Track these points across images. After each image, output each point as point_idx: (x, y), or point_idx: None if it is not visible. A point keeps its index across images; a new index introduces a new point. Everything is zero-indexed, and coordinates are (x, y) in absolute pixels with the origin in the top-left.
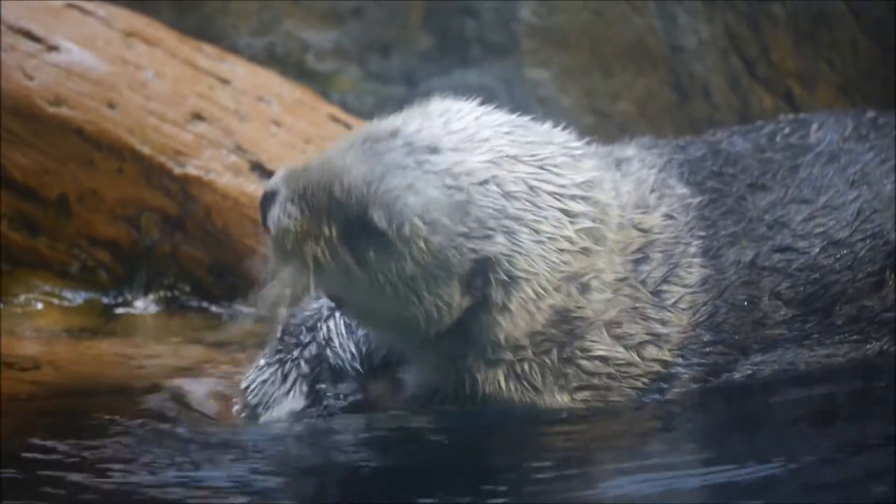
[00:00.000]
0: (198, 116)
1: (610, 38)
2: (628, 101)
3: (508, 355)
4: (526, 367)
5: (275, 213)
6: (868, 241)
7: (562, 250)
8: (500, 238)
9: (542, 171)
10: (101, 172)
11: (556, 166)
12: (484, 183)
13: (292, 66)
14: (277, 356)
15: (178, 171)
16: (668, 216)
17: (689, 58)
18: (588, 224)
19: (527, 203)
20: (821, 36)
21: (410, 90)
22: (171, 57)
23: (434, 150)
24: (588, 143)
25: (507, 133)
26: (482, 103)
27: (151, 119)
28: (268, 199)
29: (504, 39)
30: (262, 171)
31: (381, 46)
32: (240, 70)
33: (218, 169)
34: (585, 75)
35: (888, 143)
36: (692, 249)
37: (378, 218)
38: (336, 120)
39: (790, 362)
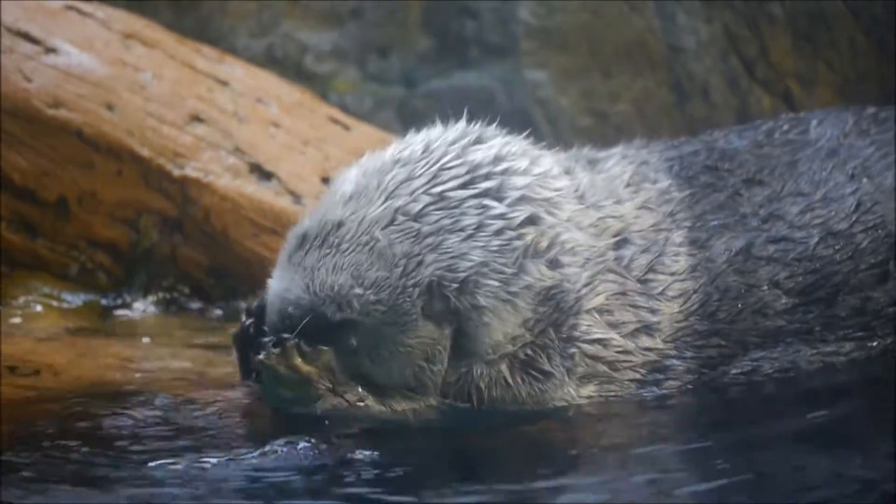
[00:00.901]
0: (196, 118)
1: (609, 39)
2: (627, 102)
3: (509, 347)
4: (529, 351)
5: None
6: (869, 232)
7: (496, 232)
8: (428, 258)
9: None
10: (100, 174)
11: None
12: (388, 225)
13: (291, 68)
14: None
15: (176, 172)
16: (643, 207)
17: (687, 58)
18: (517, 195)
19: (437, 211)
20: (819, 36)
21: (409, 91)
22: (170, 59)
23: (339, 225)
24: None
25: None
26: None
27: (150, 121)
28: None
29: (503, 40)
30: (261, 172)
31: (379, 47)
32: (238, 72)
33: (217, 171)
34: (584, 76)
35: (890, 138)
36: (676, 239)
37: (332, 314)
38: (335, 121)
39: (791, 360)
